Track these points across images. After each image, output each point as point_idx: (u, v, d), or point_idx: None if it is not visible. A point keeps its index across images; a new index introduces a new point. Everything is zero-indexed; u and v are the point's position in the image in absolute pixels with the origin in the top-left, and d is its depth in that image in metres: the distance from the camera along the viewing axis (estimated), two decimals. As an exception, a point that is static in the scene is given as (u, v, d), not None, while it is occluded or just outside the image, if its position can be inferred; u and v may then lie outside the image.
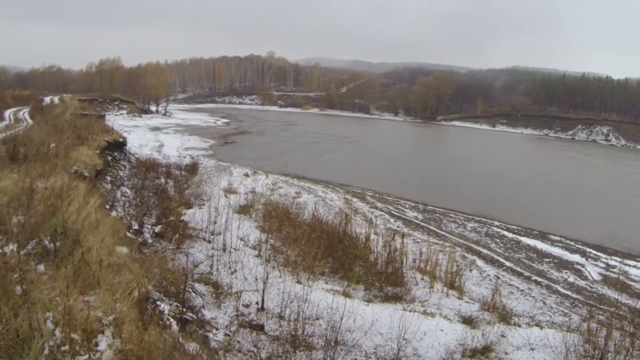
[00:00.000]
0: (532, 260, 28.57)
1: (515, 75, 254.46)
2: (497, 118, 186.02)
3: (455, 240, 30.38)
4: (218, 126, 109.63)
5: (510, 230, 35.41)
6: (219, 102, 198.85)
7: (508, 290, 21.95)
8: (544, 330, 16.86)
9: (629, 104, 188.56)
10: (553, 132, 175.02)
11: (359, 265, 21.19)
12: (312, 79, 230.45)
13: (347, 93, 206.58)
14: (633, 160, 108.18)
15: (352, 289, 18.74)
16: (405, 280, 20.32)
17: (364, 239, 23.83)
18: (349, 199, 39.65)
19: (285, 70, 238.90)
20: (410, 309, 16.89)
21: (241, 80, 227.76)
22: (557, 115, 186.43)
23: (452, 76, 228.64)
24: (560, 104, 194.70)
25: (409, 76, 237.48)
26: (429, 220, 35.88)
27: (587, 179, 70.95)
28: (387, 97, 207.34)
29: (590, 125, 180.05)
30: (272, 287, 16.40)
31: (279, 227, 26.05)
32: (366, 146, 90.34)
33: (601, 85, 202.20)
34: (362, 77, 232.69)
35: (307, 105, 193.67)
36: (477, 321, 16.82)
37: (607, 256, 31.56)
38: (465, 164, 73.74)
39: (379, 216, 34.83)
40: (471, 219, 37.75)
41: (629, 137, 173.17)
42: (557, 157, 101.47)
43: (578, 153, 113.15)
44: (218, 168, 47.17)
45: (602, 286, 25.65)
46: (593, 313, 20.10)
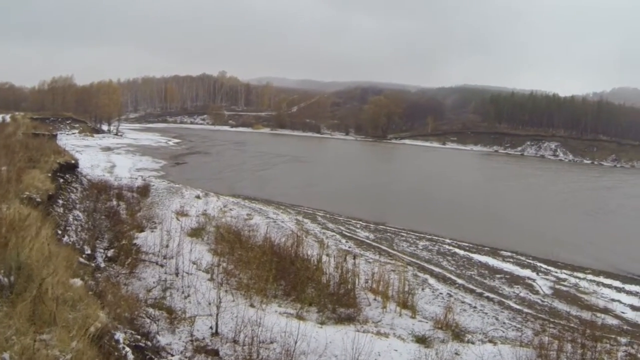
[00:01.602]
0: (484, 277, 28.97)
1: (465, 94, 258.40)
2: (448, 136, 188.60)
3: (407, 259, 30.54)
4: (169, 146, 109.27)
5: (461, 247, 35.82)
6: (171, 122, 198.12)
7: (461, 307, 22.12)
8: (497, 346, 17.06)
9: (575, 120, 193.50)
10: (503, 149, 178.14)
11: (312, 287, 21.18)
12: (264, 98, 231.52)
13: (298, 112, 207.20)
14: (578, 174, 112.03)
15: (305, 312, 18.73)
16: (358, 301, 20.38)
17: (316, 261, 23.85)
18: (300, 220, 39.56)
19: (236, 89, 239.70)
20: (364, 329, 16.99)
21: (193, 100, 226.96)
22: (506, 132, 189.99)
23: (403, 95, 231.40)
24: (510, 121, 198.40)
25: (360, 95, 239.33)
26: (380, 239, 35.97)
27: (531, 194, 74.15)
28: (338, 116, 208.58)
29: (538, 141, 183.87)
30: (225, 311, 16.33)
31: (231, 250, 25.94)
32: (317, 166, 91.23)
33: (548, 103, 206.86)
34: (313, 96, 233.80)
35: (258, 124, 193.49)
36: (430, 340, 16.94)
37: (557, 270, 32.27)
38: (415, 182, 75.46)
39: (330, 237, 34.82)
40: (423, 237, 38.00)
41: (576, 152, 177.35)
42: (505, 172, 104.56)
43: (524, 168, 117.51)
44: (170, 190, 46.71)
45: (553, 300, 26.13)
46: (545, 327, 20.49)
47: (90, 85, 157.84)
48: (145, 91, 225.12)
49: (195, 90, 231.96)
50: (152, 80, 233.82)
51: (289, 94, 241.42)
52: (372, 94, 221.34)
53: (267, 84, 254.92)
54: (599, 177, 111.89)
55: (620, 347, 18.16)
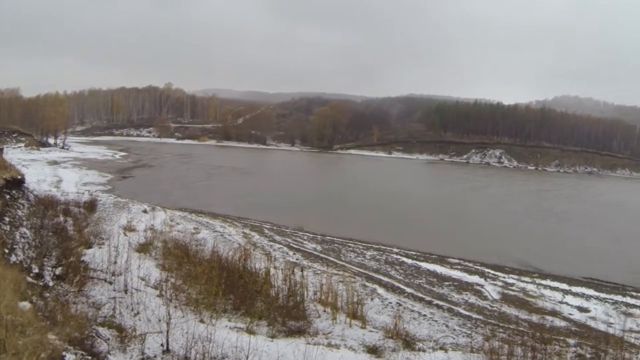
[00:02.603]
0: (432, 285, 28.99)
1: (411, 103, 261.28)
2: (393, 145, 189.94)
3: (356, 270, 30.42)
4: (116, 160, 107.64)
5: (409, 256, 35.94)
6: (117, 135, 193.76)
7: (410, 316, 22.02)
8: (448, 353, 16.98)
9: (519, 127, 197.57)
10: (448, 157, 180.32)
11: (261, 301, 20.86)
12: (209, 110, 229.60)
13: (243, 124, 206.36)
14: (522, 180, 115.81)
15: (255, 325, 18.41)
16: (307, 313, 20.12)
17: (264, 274, 23.58)
18: (247, 233, 39.12)
19: (182, 101, 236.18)
20: (315, 342, 16.74)
21: (139, 112, 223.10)
22: (451, 141, 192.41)
23: (349, 105, 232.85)
24: (455, 130, 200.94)
25: (305, 106, 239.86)
26: (328, 251, 35.81)
27: (474, 200, 76.81)
28: (284, 127, 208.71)
29: (483, 148, 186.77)
30: (176, 327, 15.93)
31: (179, 265, 25.49)
32: (263, 178, 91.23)
33: (493, 111, 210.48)
34: (259, 107, 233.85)
35: (204, 137, 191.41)
36: (381, 350, 16.78)
37: (504, 275, 32.66)
38: (360, 192, 76.41)
39: (278, 249, 34.42)
40: (370, 247, 38.04)
41: (520, 158, 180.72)
42: (449, 180, 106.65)
43: (468, 175, 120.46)
44: (117, 205, 45.74)
45: (502, 304, 26.33)
46: (495, 332, 20.49)
47: (37, 98, 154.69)
48: (91, 103, 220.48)
49: (142, 102, 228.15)
50: (98, 92, 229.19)
51: (235, 105, 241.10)
52: (317, 105, 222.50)
53: (213, 96, 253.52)
54: (542, 182, 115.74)
55: (570, 349, 18.33)
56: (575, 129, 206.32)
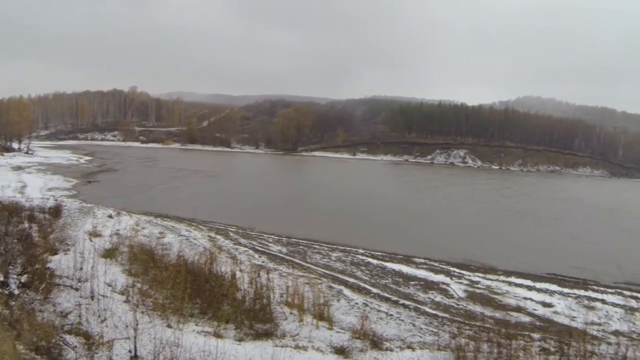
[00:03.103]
0: (398, 285, 29.05)
1: (375, 105, 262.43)
2: (358, 147, 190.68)
3: (321, 272, 30.41)
4: (81, 164, 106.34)
5: (374, 257, 36.04)
6: (82, 139, 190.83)
7: (377, 316, 22.03)
8: (415, 352, 17.03)
9: (483, 128, 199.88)
10: (413, 158, 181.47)
11: (227, 304, 20.74)
12: (174, 113, 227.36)
13: (208, 127, 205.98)
14: (485, 179, 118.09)
15: (222, 329, 18.32)
16: (274, 316, 20.06)
17: (230, 277, 23.48)
18: (212, 237, 38.88)
19: (147, 105, 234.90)
20: (282, 344, 16.71)
21: (104, 116, 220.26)
22: (416, 142, 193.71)
23: (313, 107, 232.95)
24: (419, 131, 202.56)
25: (269, 109, 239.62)
26: (293, 253, 35.71)
27: (437, 200, 78.39)
28: (248, 130, 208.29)
29: (448, 149, 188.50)
30: (143, 333, 15.77)
31: (145, 270, 25.26)
32: (228, 181, 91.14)
33: (457, 112, 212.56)
34: (223, 110, 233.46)
35: (168, 140, 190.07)
36: (349, 350, 16.80)
37: (470, 273, 32.98)
38: (324, 193, 77.74)
39: (243, 252, 34.23)
40: (335, 248, 38.09)
41: (484, 158, 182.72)
42: (413, 180, 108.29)
43: (432, 175, 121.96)
44: (82, 210, 45.13)
45: (467, 302, 26.51)
46: (461, 329, 20.60)
47: (1, 102, 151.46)
48: (56, 107, 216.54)
49: (106, 106, 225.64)
50: (63, 96, 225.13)
51: (199, 108, 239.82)
52: (281, 107, 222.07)
53: (177, 99, 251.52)
54: (504, 181, 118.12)
55: (535, 343, 18.56)
56: (538, 128, 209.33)
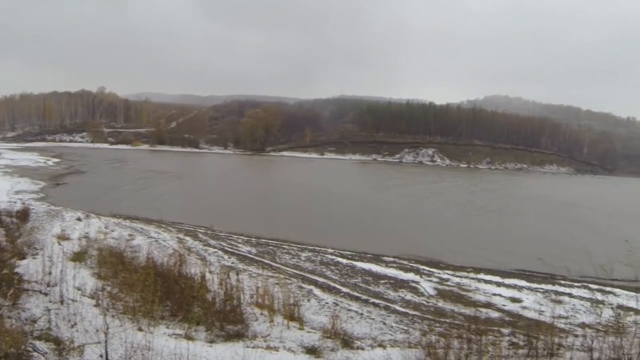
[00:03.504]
0: (368, 284, 29.07)
1: (343, 104, 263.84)
2: (326, 146, 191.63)
3: (291, 272, 30.25)
4: (49, 166, 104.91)
5: (344, 256, 36.06)
6: (50, 140, 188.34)
7: (348, 315, 22.03)
8: (387, 350, 17.00)
9: (451, 127, 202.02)
10: (381, 157, 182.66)
11: (198, 306, 20.56)
12: (142, 114, 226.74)
13: (176, 128, 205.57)
14: (452, 177, 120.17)
15: (193, 331, 18.16)
16: (245, 317, 19.93)
17: (200, 279, 23.34)
18: (182, 238, 38.58)
19: (115, 106, 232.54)
20: (254, 345, 16.61)
21: (72, 117, 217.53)
22: (384, 141, 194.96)
23: (281, 107, 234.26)
24: (387, 130, 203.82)
25: (238, 109, 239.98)
26: (262, 253, 35.51)
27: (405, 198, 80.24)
28: (217, 130, 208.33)
29: (416, 148, 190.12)
30: (114, 337, 15.55)
31: (114, 273, 24.96)
32: (196, 182, 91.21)
33: (425, 111, 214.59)
34: (192, 111, 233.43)
35: (137, 141, 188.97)
36: (320, 350, 16.73)
37: (439, 271, 33.13)
38: (292, 192, 78.85)
39: (212, 253, 33.95)
40: (305, 248, 38.03)
41: (452, 157, 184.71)
42: (379, 179, 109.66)
43: (400, 173, 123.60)
44: (50, 213, 44.44)
45: (437, 300, 26.62)
46: (432, 326, 20.71)
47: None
48: (23, 109, 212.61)
49: (75, 107, 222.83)
50: (30, 97, 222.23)
51: (168, 109, 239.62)
52: (250, 108, 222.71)
53: (146, 100, 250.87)
54: (471, 179, 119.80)
55: (504, 338, 18.65)
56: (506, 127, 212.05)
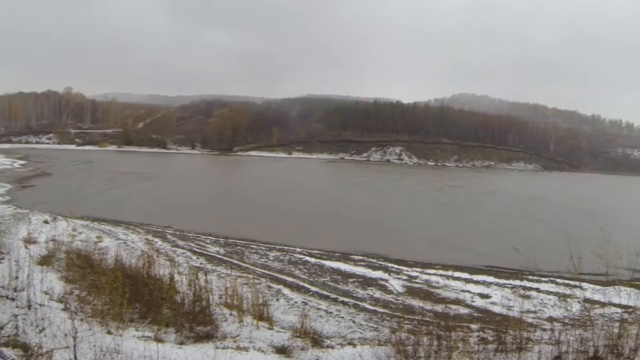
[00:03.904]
0: (337, 282, 29.18)
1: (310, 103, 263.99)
2: (294, 145, 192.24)
3: (260, 271, 30.19)
4: (15, 168, 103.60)
5: (312, 255, 36.20)
6: (16, 142, 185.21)
7: (317, 314, 22.09)
8: (356, 348, 16.95)
9: (418, 125, 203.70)
10: (349, 155, 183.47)
11: (167, 308, 20.39)
12: (110, 115, 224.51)
13: (144, 128, 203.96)
14: (418, 175, 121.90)
15: (163, 333, 17.98)
16: (214, 318, 19.78)
17: (169, 280, 23.16)
18: (150, 240, 38.29)
19: (83, 106, 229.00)
20: (223, 346, 16.46)
21: (38, 118, 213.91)
22: (351, 139, 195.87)
23: (248, 107, 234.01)
24: (355, 129, 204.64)
25: (205, 109, 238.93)
26: (231, 253, 35.45)
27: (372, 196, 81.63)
28: (184, 130, 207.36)
29: (384, 146, 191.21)
30: (83, 341, 15.33)
31: (83, 276, 24.62)
32: (163, 182, 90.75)
33: (392, 110, 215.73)
34: (159, 111, 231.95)
35: (104, 142, 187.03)
36: (290, 349, 16.65)
37: (408, 268, 33.33)
38: (259, 192, 79.00)
39: (181, 254, 33.80)
40: (273, 248, 38.05)
41: (420, 155, 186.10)
42: (345, 177, 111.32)
43: (367, 172, 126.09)
44: (16, 216, 43.79)
45: (406, 297, 26.74)
46: (401, 324, 20.78)
47: None
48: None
49: (41, 107, 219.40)
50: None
51: (135, 109, 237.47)
52: (218, 107, 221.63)
53: (113, 100, 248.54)
54: (438, 176, 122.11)
55: (473, 334, 18.72)
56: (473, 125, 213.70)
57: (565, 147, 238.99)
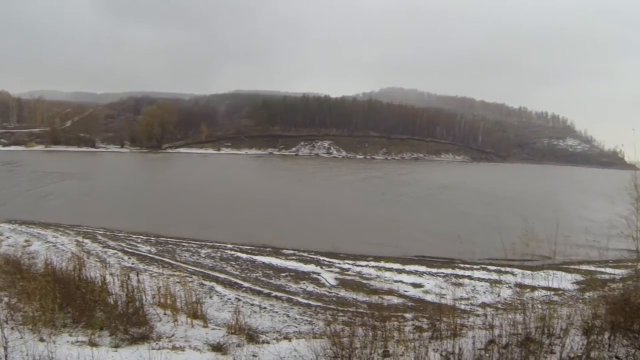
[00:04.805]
0: (269, 277, 29.20)
1: (239, 99, 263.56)
2: (222, 141, 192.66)
3: (192, 269, 29.98)
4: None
5: (243, 250, 36.16)
6: None
7: (251, 310, 22.02)
8: (292, 342, 17.00)
9: (346, 119, 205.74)
10: (277, 150, 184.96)
11: (100, 310, 20.05)
12: (36, 113, 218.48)
13: (72, 127, 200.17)
14: (347, 168, 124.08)
15: (97, 337, 17.60)
16: (148, 318, 19.53)
17: (101, 282, 22.75)
18: (80, 241, 37.31)
19: (8, 105, 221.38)
20: (159, 346, 16.28)
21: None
22: (280, 134, 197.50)
23: (177, 104, 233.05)
24: (283, 124, 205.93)
25: (133, 106, 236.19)
26: (162, 252, 35.04)
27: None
28: (113, 128, 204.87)
29: (312, 141, 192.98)
30: (14, 351, 14.88)
31: (12, 282, 24.02)
32: (92, 181, 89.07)
33: (320, 104, 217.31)
34: (87, 109, 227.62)
35: (31, 142, 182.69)
36: (226, 346, 16.57)
37: (339, 261, 33.63)
38: (188, 189, 79.24)
39: (112, 255, 33.08)
40: (204, 245, 37.92)
41: (348, 148, 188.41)
42: (273, 172, 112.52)
43: (295, 166, 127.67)
44: (-63, 223, 42.82)
45: (339, 289, 26.93)
46: (335, 316, 20.95)
47: None
48: None
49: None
50: None
51: (63, 107, 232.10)
52: (146, 104, 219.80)
53: (39, 98, 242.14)
54: (366, 169, 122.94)
55: (408, 323, 19.04)
56: (402, 118, 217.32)
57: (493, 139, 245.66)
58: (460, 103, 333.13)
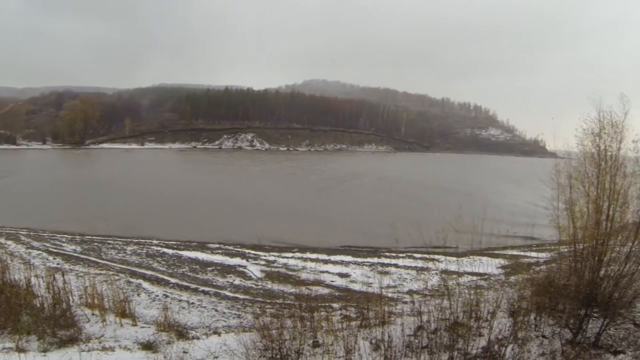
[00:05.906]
0: (196, 272, 29.34)
1: (162, 93, 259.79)
2: (146, 136, 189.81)
3: (118, 267, 29.71)
4: None
5: (169, 246, 36.16)
6: None
7: (179, 306, 22.10)
8: (222, 337, 17.21)
9: (269, 111, 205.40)
10: (201, 144, 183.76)
11: (26, 314, 19.75)
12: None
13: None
14: (270, 160, 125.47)
15: (25, 342, 17.32)
16: (76, 320, 19.29)
17: (25, 285, 22.38)
18: (3, 243, 36.09)
19: None
20: (89, 348, 16.19)
21: None
22: (203, 128, 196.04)
23: (100, 98, 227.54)
24: (206, 117, 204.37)
25: (55, 101, 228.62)
26: (88, 251, 34.46)
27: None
28: (35, 124, 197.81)
29: (235, 134, 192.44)
30: None
31: None
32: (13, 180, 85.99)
33: (243, 97, 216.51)
34: (7, 104, 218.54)
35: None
36: (156, 344, 16.61)
37: (265, 253, 34.10)
38: (110, 185, 78.43)
39: (37, 256, 32.14)
40: (130, 241, 37.59)
41: (271, 141, 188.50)
42: (194, 166, 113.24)
43: (216, 159, 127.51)
44: None
45: (266, 282, 27.36)
46: (264, 309, 21.18)
47: None
48: None
49: None
50: None
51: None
52: (69, 99, 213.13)
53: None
54: (287, 160, 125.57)
55: (336, 312, 19.42)
56: (325, 110, 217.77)
57: (416, 129, 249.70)
58: (383, 94, 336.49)
